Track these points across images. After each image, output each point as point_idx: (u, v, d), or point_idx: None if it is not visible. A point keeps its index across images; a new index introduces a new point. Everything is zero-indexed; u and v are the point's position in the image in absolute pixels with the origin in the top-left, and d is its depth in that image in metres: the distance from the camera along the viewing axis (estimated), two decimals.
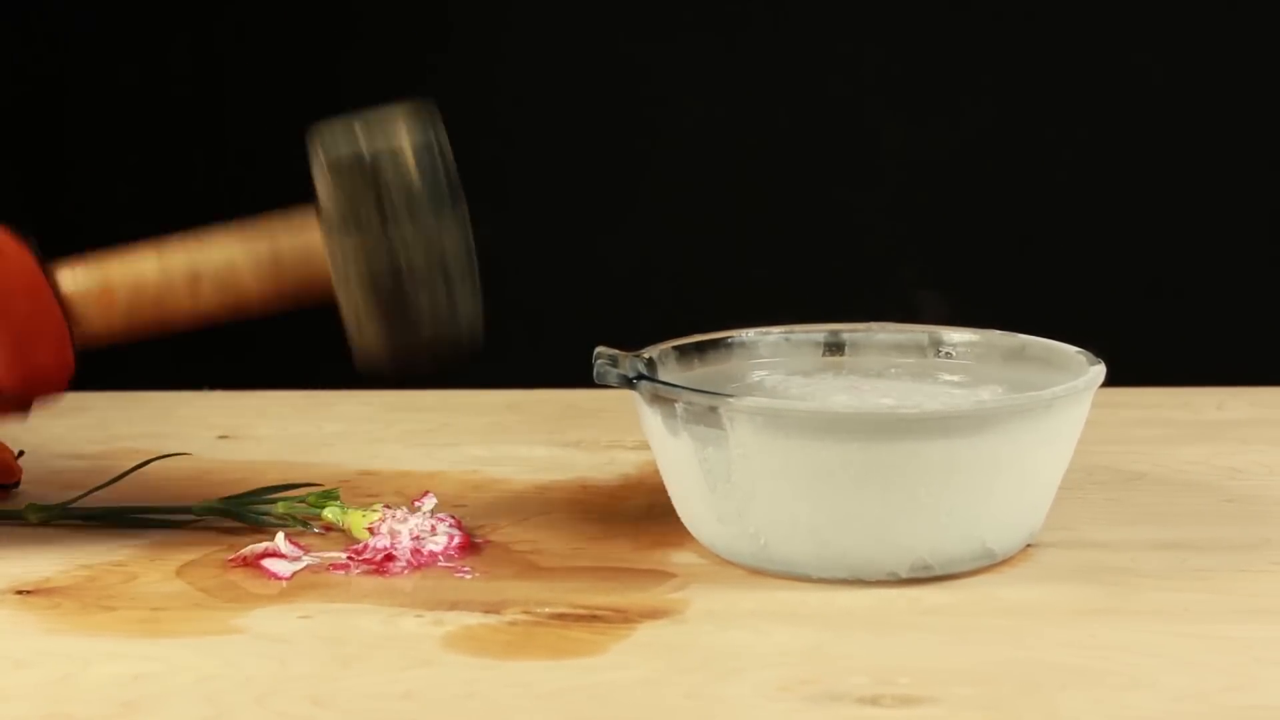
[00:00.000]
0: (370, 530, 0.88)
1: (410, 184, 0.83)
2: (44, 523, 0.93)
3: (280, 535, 0.87)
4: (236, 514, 0.92)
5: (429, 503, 0.91)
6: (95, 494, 0.94)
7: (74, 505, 0.93)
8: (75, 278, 0.86)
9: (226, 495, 0.93)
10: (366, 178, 0.83)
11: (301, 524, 0.91)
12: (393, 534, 0.87)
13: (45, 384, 0.87)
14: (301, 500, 0.92)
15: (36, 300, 0.84)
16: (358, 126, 0.84)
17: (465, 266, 0.84)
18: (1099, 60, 1.52)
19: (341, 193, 0.83)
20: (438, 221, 0.83)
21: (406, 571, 0.85)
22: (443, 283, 0.84)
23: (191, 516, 0.92)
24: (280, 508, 0.92)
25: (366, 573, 0.85)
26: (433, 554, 0.86)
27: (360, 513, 0.89)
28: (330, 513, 0.91)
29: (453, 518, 0.91)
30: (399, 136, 0.83)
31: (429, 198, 0.83)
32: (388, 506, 0.90)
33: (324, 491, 0.92)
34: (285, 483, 0.94)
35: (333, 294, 0.85)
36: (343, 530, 0.90)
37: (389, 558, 0.86)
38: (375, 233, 0.83)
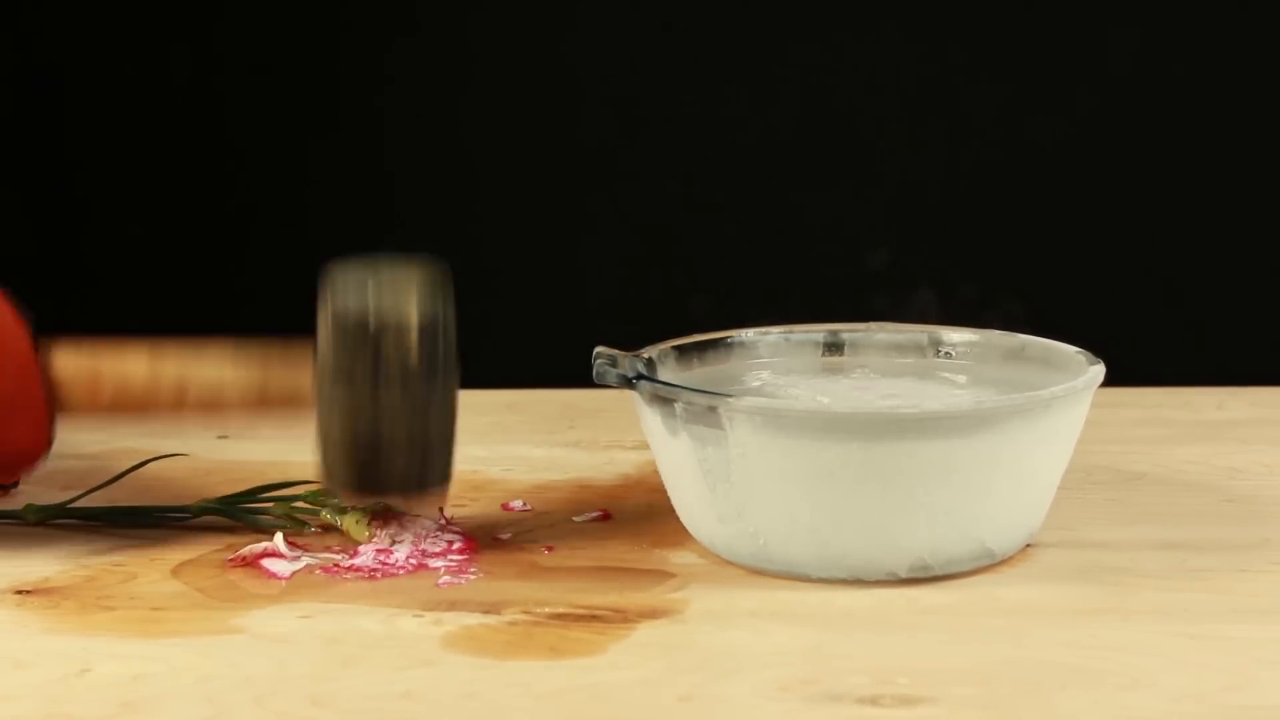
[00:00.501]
0: (370, 531, 0.88)
1: (408, 358, 0.82)
2: (43, 523, 0.93)
3: (279, 535, 0.87)
4: (235, 514, 0.92)
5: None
6: (95, 494, 0.94)
7: (73, 505, 0.93)
8: (66, 362, 0.87)
9: (225, 495, 0.93)
10: (369, 343, 0.82)
11: (300, 524, 0.91)
12: (392, 537, 0.87)
13: (17, 460, 0.88)
14: (300, 499, 0.92)
15: (23, 382, 0.85)
16: (371, 286, 0.83)
17: (444, 437, 0.84)
18: (1099, 60, 1.52)
19: (342, 348, 0.83)
20: (427, 396, 0.83)
21: (405, 573, 0.85)
22: (419, 453, 0.84)
23: (190, 516, 0.92)
24: (279, 508, 0.92)
25: (365, 576, 0.85)
26: (432, 556, 0.86)
27: (359, 513, 0.89)
28: (329, 513, 0.91)
29: (452, 519, 0.91)
30: (408, 306, 0.82)
31: (424, 372, 0.83)
32: (387, 507, 0.90)
33: (322, 489, 0.92)
34: (284, 482, 0.93)
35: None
36: (341, 531, 0.90)
37: (388, 561, 0.86)
38: (364, 395, 0.83)
